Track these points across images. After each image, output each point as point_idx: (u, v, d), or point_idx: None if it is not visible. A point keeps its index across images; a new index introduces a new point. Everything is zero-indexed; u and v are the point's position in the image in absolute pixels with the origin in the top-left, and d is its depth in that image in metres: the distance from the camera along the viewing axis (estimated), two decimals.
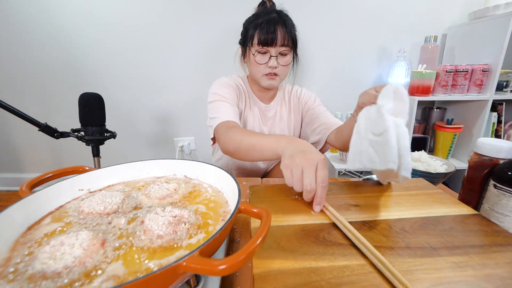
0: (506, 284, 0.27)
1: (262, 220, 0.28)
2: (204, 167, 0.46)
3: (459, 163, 1.34)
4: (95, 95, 0.81)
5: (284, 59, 0.76)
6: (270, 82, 0.78)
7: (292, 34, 0.74)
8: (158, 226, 0.30)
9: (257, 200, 0.46)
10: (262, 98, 0.88)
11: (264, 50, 0.74)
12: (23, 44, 1.41)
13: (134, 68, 1.47)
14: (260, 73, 0.78)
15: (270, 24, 0.71)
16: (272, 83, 0.79)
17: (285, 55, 0.76)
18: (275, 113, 0.90)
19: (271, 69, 0.75)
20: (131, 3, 1.36)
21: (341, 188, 0.51)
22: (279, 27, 0.71)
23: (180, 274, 0.22)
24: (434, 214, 0.41)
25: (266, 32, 0.71)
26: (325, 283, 0.27)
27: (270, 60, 0.74)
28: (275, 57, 0.74)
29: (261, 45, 0.73)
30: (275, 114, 0.90)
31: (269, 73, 0.76)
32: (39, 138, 1.49)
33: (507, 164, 0.40)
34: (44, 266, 0.25)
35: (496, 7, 1.15)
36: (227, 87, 0.80)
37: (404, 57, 1.35)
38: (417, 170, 0.60)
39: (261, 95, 0.88)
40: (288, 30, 0.73)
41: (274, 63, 0.74)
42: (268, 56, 0.74)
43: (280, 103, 0.90)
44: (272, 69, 0.76)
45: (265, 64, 0.75)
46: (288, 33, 0.72)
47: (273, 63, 0.74)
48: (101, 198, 0.37)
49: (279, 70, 0.76)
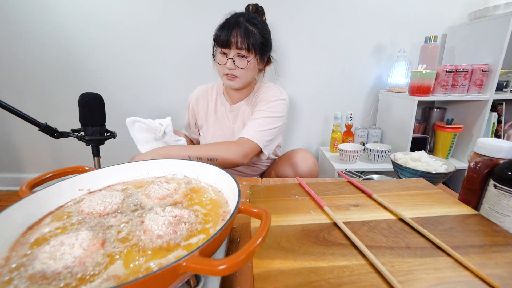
0: (506, 284, 0.27)
1: (262, 220, 0.27)
2: (204, 167, 0.46)
3: (459, 163, 1.33)
4: (95, 95, 0.81)
5: (242, 62, 0.77)
6: (229, 82, 0.81)
7: (252, 39, 0.75)
8: (158, 226, 0.30)
9: (257, 200, 0.46)
10: (233, 98, 0.91)
11: (222, 51, 0.77)
12: (23, 44, 1.41)
13: (134, 68, 1.47)
14: (221, 73, 0.81)
15: (227, 26, 0.75)
16: (231, 84, 0.81)
17: (243, 57, 0.77)
18: (238, 113, 0.90)
19: (229, 70, 0.78)
20: (131, 3, 1.36)
21: (341, 188, 0.51)
22: (236, 30, 0.74)
23: (180, 274, 0.22)
24: (434, 214, 0.41)
25: (221, 32, 0.75)
26: (325, 283, 0.27)
27: (227, 62, 0.77)
28: (231, 59, 0.76)
29: (218, 45, 0.77)
30: (238, 113, 0.91)
31: (228, 74, 0.79)
32: (39, 138, 1.49)
33: (507, 164, 0.40)
34: (44, 266, 0.25)
35: (496, 7, 1.15)
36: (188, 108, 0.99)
37: (404, 57, 1.35)
38: (417, 170, 0.60)
39: (232, 95, 0.91)
40: (246, 34, 0.74)
41: (229, 64, 0.77)
42: (226, 57, 0.77)
43: (246, 104, 0.90)
44: (229, 70, 0.78)
45: (224, 65, 0.78)
46: (245, 37, 0.74)
47: (228, 64, 0.77)
48: (101, 198, 0.37)
49: (238, 72, 0.78)
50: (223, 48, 0.76)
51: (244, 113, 0.90)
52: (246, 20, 0.76)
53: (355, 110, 1.57)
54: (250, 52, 0.76)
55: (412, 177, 0.60)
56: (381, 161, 1.31)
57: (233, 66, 0.77)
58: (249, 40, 0.75)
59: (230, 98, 0.91)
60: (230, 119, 0.91)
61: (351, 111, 1.48)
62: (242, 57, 0.77)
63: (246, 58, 0.77)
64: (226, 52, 0.77)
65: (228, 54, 0.77)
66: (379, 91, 1.52)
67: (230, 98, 0.91)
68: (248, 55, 0.77)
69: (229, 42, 0.74)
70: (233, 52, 0.76)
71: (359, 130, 1.45)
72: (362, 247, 0.32)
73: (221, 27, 0.76)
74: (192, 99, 0.97)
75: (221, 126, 0.92)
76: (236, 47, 0.75)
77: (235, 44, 0.75)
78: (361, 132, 1.45)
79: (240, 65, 0.77)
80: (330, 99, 1.56)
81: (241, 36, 0.74)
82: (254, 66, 0.80)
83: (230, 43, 0.74)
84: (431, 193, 0.48)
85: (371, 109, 1.57)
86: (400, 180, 0.56)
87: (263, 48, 0.80)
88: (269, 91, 0.86)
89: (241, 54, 0.76)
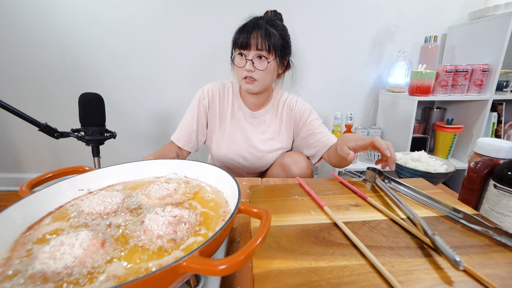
0: (506, 284, 0.27)
1: (262, 220, 0.27)
2: (204, 167, 0.46)
3: (459, 163, 1.34)
4: (95, 95, 0.81)
5: (261, 64, 0.76)
6: (247, 86, 0.79)
7: (272, 40, 0.74)
8: (158, 226, 0.30)
9: (257, 200, 0.46)
10: (250, 104, 0.88)
11: (241, 52, 0.75)
12: (23, 44, 1.41)
13: (134, 68, 1.47)
14: (239, 76, 0.79)
15: (247, 28, 0.73)
16: (250, 88, 0.79)
17: (262, 59, 0.75)
18: (263, 122, 0.89)
19: (248, 72, 0.76)
20: (132, 3, 1.36)
21: (341, 188, 0.51)
22: (256, 31, 0.73)
23: (180, 274, 0.22)
24: (434, 214, 0.41)
25: (242, 35, 0.74)
26: (325, 283, 0.27)
27: (246, 63, 0.75)
28: (250, 60, 0.75)
29: (238, 47, 0.75)
30: (263, 122, 0.89)
31: (246, 77, 0.77)
32: (39, 138, 1.49)
33: (507, 164, 0.40)
34: (44, 266, 0.25)
35: (496, 7, 1.15)
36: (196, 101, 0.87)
37: (404, 57, 1.35)
38: (417, 170, 0.60)
39: (250, 101, 0.88)
40: (267, 35, 0.73)
41: (249, 66, 0.75)
42: (245, 59, 0.76)
43: (270, 112, 0.89)
44: (248, 72, 0.76)
45: (243, 67, 0.76)
46: (265, 38, 0.73)
47: (248, 66, 0.75)
48: (101, 198, 0.37)
49: (257, 75, 0.77)
50: (242, 49, 0.75)
51: (266, 120, 0.89)
52: (266, 22, 0.75)
53: (355, 110, 1.57)
54: (270, 53, 0.75)
55: (412, 177, 0.60)
56: None
57: (252, 67, 0.75)
58: (269, 41, 0.73)
59: (246, 102, 0.89)
60: (249, 125, 0.89)
61: (351, 111, 1.48)
62: (262, 58, 0.75)
63: (266, 59, 0.76)
64: (245, 53, 0.75)
65: (247, 55, 0.75)
66: (379, 91, 1.52)
67: (247, 102, 0.89)
68: (268, 56, 0.75)
69: (249, 43, 0.73)
70: (252, 53, 0.74)
71: (359, 130, 1.46)
72: (362, 247, 0.32)
73: (241, 29, 0.75)
74: (207, 94, 0.87)
75: (240, 131, 0.88)
76: (256, 48, 0.73)
77: (255, 45, 0.73)
78: (361, 132, 1.45)
79: (259, 66, 0.76)
80: (330, 99, 1.56)
81: (261, 37, 0.73)
82: (273, 68, 0.79)
83: (250, 44, 0.73)
84: (431, 193, 0.48)
85: (371, 109, 1.57)
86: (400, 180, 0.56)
87: (283, 50, 0.79)
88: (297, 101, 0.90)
89: (261, 55, 0.75)
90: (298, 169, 0.79)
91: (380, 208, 0.42)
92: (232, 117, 0.88)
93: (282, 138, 0.90)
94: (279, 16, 0.85)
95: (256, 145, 0.87)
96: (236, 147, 0.88)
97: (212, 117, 0.89)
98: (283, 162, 0.82)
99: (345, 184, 0.52)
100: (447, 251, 0.29)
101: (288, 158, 0.82)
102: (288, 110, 0.90)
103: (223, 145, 0.88)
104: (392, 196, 0.44)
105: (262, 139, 0.89)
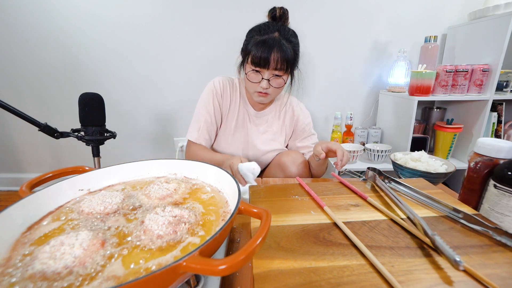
0: (506, 284, 0.27)
1: (262, 220, 0.27)
2: (204, 167, 0.46)
3: (459, 163, 1.33)
4: (95, 95, 0.80)
5: (277, 82, 0.76)
6: (260, 98, 0.80)
7: (288, 57, 0.72)
8: (158, 226, 0.30)
9: (257, 200, 0.46)
10: (254, 104, 0.89)
11: (257, 69, 0.74)
12: (23, 44, 1.40)
13: (134, 68, 1.47)
14: (252, 89, 0.79)
15: (266, 46, 0.70)
16: (262, 100, 0.81)
17: (278, 77, 0.75)
18: (265, 121, 0.90)
19: (263, 89, 0.76)
20: (131, 3, 1.36)
21: (341, 188, 0.51)
22: (274, 51, 0.70)
23: (180, 274, 0.22)
24: (434, 214, 0.41)
25: (260, 54, 0.71)
26: (325, 283, 0.27)
27: (262, 82, 0.75)
28: (267, 80, 0.74)
29: (254, 65, 0.73)
30: (265, 122, 0.90)
31: (260, 92, 0.77)
32: (39, 138, 1.49)
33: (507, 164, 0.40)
34: (44, 266, 0.25)
35: (496, 7, 1.15)
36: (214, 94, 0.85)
37: (404, 57, 1.35)
38: (417, 170, 0.60)
39: (254, 102, 0.89)
40: (284, 53, 0.71)
41: (265, 85, 0.75)
42: (260, 76, 0.75)
43: (273, 113, 0.91)
44: (263, 89, 0.76)
45: (258, 83, 0.76)
46: (283, 57, 0.71)
47: (264, 85, 0.75)
48: (101, 198, 0.37)
49: (271, 90, 0.77)
50: (259, 67, 0.73)
51: (269, 121, 0.90)
52: (282, 37, 0.73)
53: (355, 110, 1.57)
54: (286, 72, 0.75)
55: (412, 177, 0.60)
56: (381, 161, 1.31)
57: (268, 85, 0.75)
58: (287, 61, 0.72)
59: (251, 101, 0.89)
60: (252, 124, 0.89)
61: (351, 111, 1.48)
62: (278, 77, 0.75)
63: (281, 77, 0.76)
64: (261, 72, 0.74)
65: (263, 74, 0.74)
66: (379, 91, 1.52)
67: (252, 102, 0.89)
68: (284, 75, 0.75)
69: (268, 65, 0.72)
70: (269, 73, 0.74)
71: (359, 130, 1.46)
72: (362, 247, 0.32)
73: (258, 46, 0.71)
74: (219, 87, 0.86)
75: (242, 129, 0.89)
76: (275, 68, 0.72)
77: (274, 65, 0.72)
78: (361, 132, 1.45)
79: (275, 84, 0.76)
80: (330, 99, 1.56)
81: (280, 58, 0.71)
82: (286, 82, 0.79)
83: (269, 65, 0.72)
84: (431, 193, 0.48)
85: (371, 109, 1.57)
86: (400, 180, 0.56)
87: (295, 63, 0.78)
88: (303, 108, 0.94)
89: (278, 74, 0.74)
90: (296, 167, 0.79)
91: (380, 208, 0.42)
92: (238, 114, 0.89)
93: (281, 139, 0.91)
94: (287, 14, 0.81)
95: (256, 144, 0.88)
96: (237, 144, 0.88)
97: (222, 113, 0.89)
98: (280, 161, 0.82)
99: (345, 184, 0.52)
100: (447, 251, 0.29)
101: (286, 157, 0.82)
102: (291, 114, 0.92)
103: (223, 140, 0.89)
104: (392, 196, 0.44)
105: (262, 138, 0.89)
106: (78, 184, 0.42)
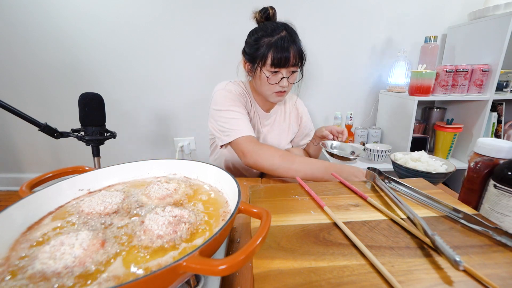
0: (506, 284, 0.27)
1: (262, 220, 0.27)
2: (204, 167, 0.46)
3: (459, 163, 1.33)
4: (95, 95, 0.80)
5: (293, 77, 0.77)
6: (278, 98, 0.81)
7: (300, 51, 0.73)
8: (158, 226, 0.30)
9: (257, 200, 0.46)
10: (262, 106, 0.90)
11: (276, 70, 0.74)
12: (23, 44, 1.41)
13: (134, 68, 1.47)
14: (270, 91, 0.78)
15: (283, 45, 0.70)
16: (280, 99, 0.82)
17: (294, 72, 0.77)
18: (273, 122, 0.92)
19: (282, 87, 0.76)
20: (131, 3, 1.36)
21: (341, 188, 0.51)
22: (292, 48, 0.71)
23: (180, 274, 0.22)
24: (434, 214, 0.41)
25: (280, 55, 0.71)
26: (325, 283, 0.27)
27: (282, 81, 0.75)
28: (286, 78, 0.75)
29: (274, 66, 0.73)
30: (273, 122, 0.92)
31: (279, 91, 0.78)
32: (39, 138, 1.49)
33: (507, 164, 0.40)
34: (44, 266, 0.25)
35: (496, 7, 1.15)
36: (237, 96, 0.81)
37: (404, 57, 1.35)
38: (417, 170, 0.60)
39: (262, 103, 0.89)
40: (298, 48, 0.73)
41: (285, 83, 0.75)
42: (280, 76, 0.75)
43: (279, 112, 0.92)
44: (282, 88, 0.77)
45: (277, 84, 0.76)
46: (298, 52, 0.72)
47: (284, 83, 0.75)
48: (101, 198, 0.37)
49: (288, 87, 0.78)
50: (279, 67, 0.73)
51: (276, 120, 0.92)
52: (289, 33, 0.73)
53: (355, 110, 1.57)
54: (300, 67, 0.76)
55: (412, 177, 0.60)
56: (381, 161, 1.31)
57: (287, 83, 0.75)
58: (301, 55, 0.74)
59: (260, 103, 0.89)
60: (262, 125, 0.91)
61: (351, 111, 1.48)
62: (294, 72, 0.76)
63: (296, 72, 0.77)
64: (280, 71, 0.74)
65: (282, 73, 0.74)
66: (379, 91, 1.52)
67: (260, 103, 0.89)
68: (298, 70, 0.76)
69: (288, 63, 0.72)
70: (287, 71, 0.74)
71: (359, 130, 1.46)
72: (362, 247, 0.32)
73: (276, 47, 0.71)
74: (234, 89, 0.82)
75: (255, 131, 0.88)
76: (293, 64, 0.73)
77: (292, 61, 0.72)
78: (361, 132, 1.45)
79: (292, 80, 0.77)
80: (330, 99, 1.56)
81: (296, 53, 0.72)
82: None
83: (289, 63, 0.72)
84: (431, 193, 0.48)
85: (371, 109, 1.57)
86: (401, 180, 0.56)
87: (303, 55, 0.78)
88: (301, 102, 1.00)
89: (294, 70, 0.75)
90: None
91: (380, 208, 0.42)
92: (252, 117, 0.89)
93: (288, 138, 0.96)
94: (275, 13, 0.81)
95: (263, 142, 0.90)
96: None
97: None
98: None
99: (345, 184, 0.52)
100: (447, 251, 0.29)
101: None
102: (296, 112, 0.95)
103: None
104: (392, 196, 0.44)
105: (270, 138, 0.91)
106: (78, 184, 0.42)
